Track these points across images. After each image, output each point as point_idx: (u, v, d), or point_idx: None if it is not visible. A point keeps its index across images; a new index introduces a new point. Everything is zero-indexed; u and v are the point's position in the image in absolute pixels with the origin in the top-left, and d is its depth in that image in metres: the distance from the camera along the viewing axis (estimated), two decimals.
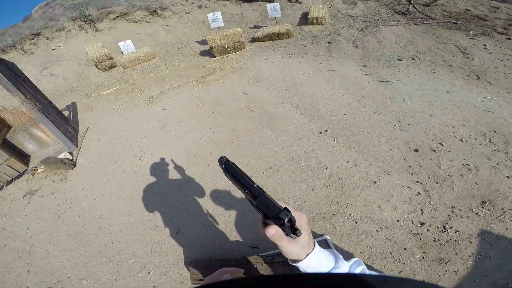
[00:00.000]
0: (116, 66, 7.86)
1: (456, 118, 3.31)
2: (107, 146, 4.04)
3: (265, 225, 0.63)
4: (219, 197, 2.86)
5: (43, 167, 3.73)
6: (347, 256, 2.54)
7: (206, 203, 2.85)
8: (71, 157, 3.94)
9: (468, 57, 5.04)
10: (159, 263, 2.53)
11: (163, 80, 6.09)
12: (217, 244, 2.59)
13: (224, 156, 0.68)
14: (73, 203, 3.25)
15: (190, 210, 2.81)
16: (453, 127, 3.19)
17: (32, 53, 8.55)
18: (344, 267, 0.61)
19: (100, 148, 4.05)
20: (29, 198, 3.49)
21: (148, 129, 4.13)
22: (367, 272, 0.64)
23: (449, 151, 2.92)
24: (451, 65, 4.82)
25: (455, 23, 6.71)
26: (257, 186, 0.59)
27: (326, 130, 3.25)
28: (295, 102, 3.97)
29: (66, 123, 4.51)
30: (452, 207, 2.57)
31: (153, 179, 3.25)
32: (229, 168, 0.64)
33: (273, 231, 0.55)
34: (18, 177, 3.84)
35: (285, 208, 0.56)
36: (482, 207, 2.56)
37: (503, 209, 2.57)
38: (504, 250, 2.41)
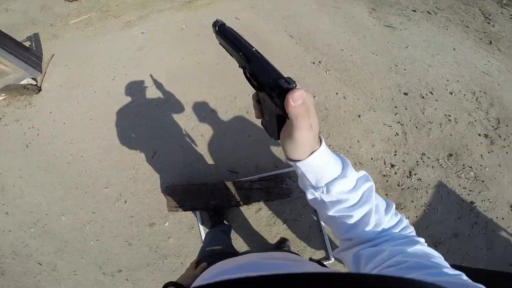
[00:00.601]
0: None
1: (453, 73, 3.30)
2: (75, 69, 3.67)
3: (259, 103, 0.51)
4: (199, 117, 2.72)
5: (3, 95, 3.39)
6: None
7: (185, 124, 2.70)
8: (34, 83, 3.58)
9: (489, 23, 4.77)
10: (135, 191, 2.49)
11: (143, 6, 5.44)
12: (195, 167, 2.51)
13: (220, 19, 0.54)
14: (41, 129, 2.99)
15: (168, 130, 2.67)
16: (447, 80, 3.21)
17: None
18: (351, 178, 0.48)
19: (68, 72, 3.67)
20: None
21: (124, 51, 3.75)
22: (374, 192, 0.51)
23: (436, 100, 2.99)
24: (467, 26, 4.57)
25: None
26: (256, 50, 0.47)
27: (319, 62, 3.06)
28: (291, 32, 3.69)
29: (27, 52, 3.95)
30: (422, 153, 2.73)
31: (128, 99, 3.00)
32: (223, 32, 0.51)
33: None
34: None
35: (288, 77, 0.42)
36: (448, 159, 2.70)
37: (463, 165, 2.70)
38: (450, 206, 2.56)
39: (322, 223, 2.42)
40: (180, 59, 3.34)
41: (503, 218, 2.61)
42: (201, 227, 2.37)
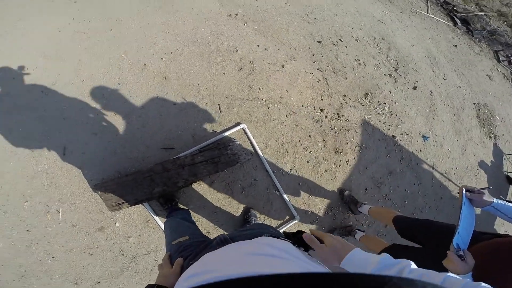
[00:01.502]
0: None
1: (355, 22, 3.66)
2: None
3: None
4: (105, 94, 2.24)
5: None
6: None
7: (90, 105, 2.20)
8: None
9: None
10: (62, 197, 2.04)
11: None
12: (122, 155, 2.13)
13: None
14: None
15: (70, 119, 2.13)
16: (352, 28, 3.55)
17: None
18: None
19: None
20: None
21: None
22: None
23: (346, 47, 3.31)
24: None
25: None
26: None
27: (236, 14, 2.90)
28: None
29: None
30: (344, 95, 2.91)
31: (6, 90, 2.19)
32: None
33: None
34: None
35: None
36: (365, 98, 3.02)
37: (378, 102, 3.09)
38: (377, 142, 2.94)
39: (277, 183, 2.41)
40: (57, 31, 2.53)
41: (420, 150, 3.12)
42: (157, 218, 2.09)
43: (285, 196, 2.39)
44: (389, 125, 3.08)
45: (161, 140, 2.23)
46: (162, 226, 2.07)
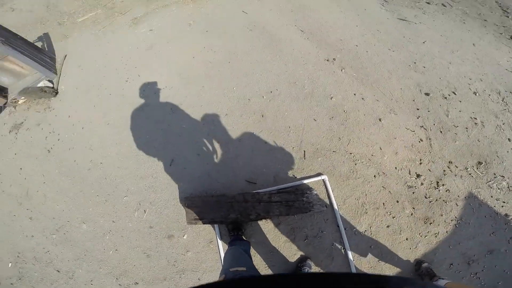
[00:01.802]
0: None
1: (475, 71, 3.11)
2: (89, 70, 3.62)
3: None
4: (214, 121, 2.62)
5: (23, 98, 3.43)
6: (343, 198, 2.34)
7: (201, 129, 2.62)
8: (51, 85, 3.57)
9: (508, 16, 4.58)
10: (154, 200, 2.43)
11: (148, 0, 5.31)
12: (213, 178, 2.43)
13: None
14: (61, 134, 2.97)
15: (184, 136, 2.59)
16: (470, 79, 3.02)
17: None
18: None
19: (82, 73, 3.62)
20: (16, 133, 3.19)
21: (134, 50, 3.66)
22: None
23: (460, 101, 2.82)
24: (485, 20, 4.38)
25: None
26: None
27: (334, 59, 2.90)
28: (301, 26, 3.50)
29: (40, 53, 3.97)
30: (449, 162, 2.56)
31: (142, 102, 2.93)
32: None
33: None
34: None
35: None
36: (477, 167, 2.54)
37: (494, 174, 2.53)
38: (482, 219, 2.38)
39: (346, 240, 2.26)
40: (191, 58, 3.23)
41: None
42: (220, 242, 2.26)
43: (350, 254, 2.22)
44: (503, 202, 2.47)
45: (247, 173, 2.44)
46: (222, 250, 2.22)
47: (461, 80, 2.99)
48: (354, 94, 2.68)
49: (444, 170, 2.46)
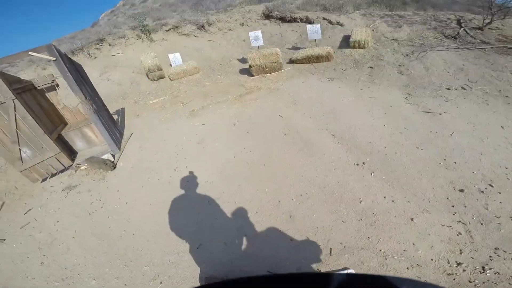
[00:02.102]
0: (164, 77, 8.45)
1: (510, 158, 3.05)
2: (146, 153, 4.30)
3: None
4: (244, 217, 2.88)
5: (86, 165, 4.09)
6: None
7: (231, 222, 2.88)
8: (112, 159, 4.27)
9: None
10: (174, 275, 2.53)
11: (205, 95, 6.41)
12: (236, 265, 2.55)
13: None
14: (106, 203, 3.47)
15: (215, 226, 2.84)
16: (506, 168, 2.94)
17: (95, 57, 9.51)
18: None
19: (140, 154, 4.32)
20: (67, 193, 3.79)
21: (187, 142, 4.33)
22: None
23: (499, 193, 2.72)
24: (507, 96, 4.45)
25: None
26: None
27: (363, 163, 3.13)
28: (332, 130, 3.90)
29: (114, 127, 4.95)
30: (495, 248, 2.38)
31: (185, 191, 3.37)
32: None
33: None
34: (62, 171, 4.22)
35: None
36: None
37: None
38: None
39: None
40: (232, 156, 3.73)
41: None
42: None
43: None
44: None
45: (270, 265, 2.50)
46: None
47: (496, 171, 2.91)
48: (384, 197, 2.77)
49: (490, 256, 2.30)
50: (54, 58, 3.71)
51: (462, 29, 7.44)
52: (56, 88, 4.85)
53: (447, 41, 7.09)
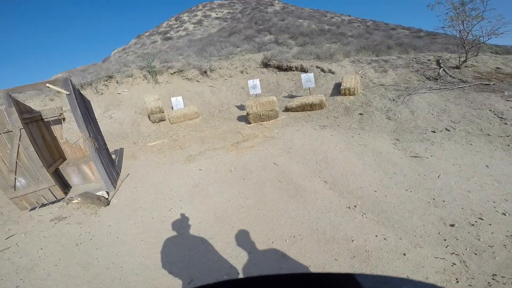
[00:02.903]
0: (165, 120, 8.75)
1: (497, 193, 3.20)
2: (141, 193, 4.39)
3: None
4: (238, 257, 2.90)
5: (79, 199, 4.06)
6: None
7: (225, 261, 2.89)
8: (107, 196, 4.30)
9: (506, 123, 4.91)
10: None
11: (203, 141, 6.69)
12: None
13: None
14: (95, 236, 3.45)
15: (208, 264, 2.85)
16: (494, 202, 3.08)
17: (102, 93, 9.87)
18: None
19: (135, 194, 4.40)
20: (55, 223, 3.77)
21: (183, 185, 4.46)
22: None
23: (490, 225, 2.82)
24: (488, 134, 4.71)
25: (488, 84, 6.64)
26: None
27: (355, 206, 3.25)
28: (324, 177, 4.07)
29: (112, 166, 5.02)
30: (493, 275, 2.39)
31: (178, 230, 3.41)
32: None
33: None
34: (53, 202, 4.19)
35: None
36: None
37: None
38: None
39: None
40: (227, 201, 3.83)
41: None
42: None
43: None
44: None
45: None
46: None
47: (485, 205, 3.03)
48: (376, 236, 2.84)
49: (488, 282, 2.28)
50: (68, 93, 3.84)
51: (441, 69, 8.05)
52: (62, 122, 4.94)
53: (429, 82, 7.64)
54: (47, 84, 3.76)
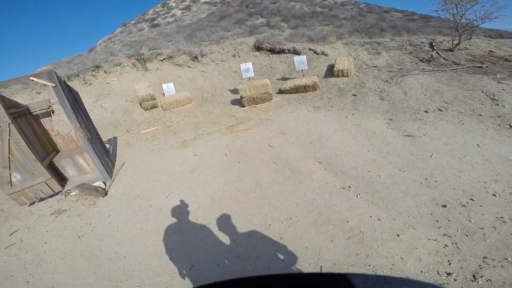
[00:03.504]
0: (157, 107, 8.60)
1: (487, 173, 3.24)
2: (138, 181, 4.37)
3: None
4: (237, 240, 2.94)
5: (77, 191, 4.06)
6: None
7: (223, 245, 2.93)
8: (104, 187, 4.28)
9: (498, 104, 4.96)
10: None
11: (197, 126, 6.61)
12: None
13: None
14: (96, 227, 3.47)
15: (207, 249, 2.89)
16: (485, 182, 3.13)
17: (91, 84, 9.63)
18: None
19: (132, 182, 4.38)
20: (56, 217, 3.78)
21: (178, 171, 4.44)
22: None
23: (481, 206, 2.87)
24: (480, 115, 4.76)
25: (481, 67, 6.66)
26: None
27: (349, 186, 3.28)
28: (319, 157, 4.08)
29: (106, 156, 4.98)
30: (484, 257, 2.45)
31: (176, 217, 3.43)
32: None
33: None
34: (51, 196, 4.19)
35: None
36: None
37: None
38: None
39: None
40: (224, 185, 3.84)
41: None
42: None
43: None
44: None
45: None
46: None
47: (476, 186, 3.08)
48: (370, 217, 2.90)
49: (479, 265, 2.35)
50: (54, 85, 3.75)
51: (434, 51, 8.03)
52: (51, 114, 4.86)
53: (422, 64, 7.61)
54: (32, 78, 3.64)
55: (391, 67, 7.80)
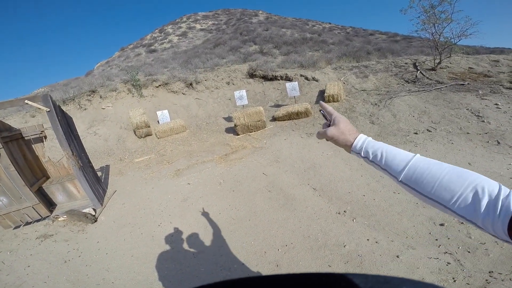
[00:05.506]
0: (151, 135, 8.58)
1: None
2: (129, 209, 4.29)
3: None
4: (231, 269, 2.87)
5: (65, 216, 3.94)
6: None
7: (217, 274, 2.85)
8: (93, 213, 4.16)
9: (483, 121, 5.10)
10: None
11: (191, 154, 6.62)
12: None
13: None
14: (84, 253, 3.34)
15: (200, 277, 2.80)
16: None
17: (85, 109, 9.60)
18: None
19: (123, 210, 4.29)
20: (41, 241, 3.63)
21: (171, 200, 4.38)
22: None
23: None
24: (468, 133, 4.88)
25: (463, 84, 6.94)
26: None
27: (344, 211, 3.27)
28: (313, 184, 4.10)
29: (98, 183, 4.87)
30: (490, 272, 2.39)
31: (169, 245, 3.33)
32: None
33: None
34: (38, 220, 4.05)
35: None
36: None
37: None
38: None
39: None
40: (218, 213, 3.78)
41: None
42: None
43: None
44: None
45: None
46: None
47: None
48: (368, 240, 2.86)
49: (486, 279, 2.30)
50: (48, 109, 3.72)
51: (418, 72, 8.36)
52: (44, 140, 4.79)
53: (408, 85, 7.89)
54: (26, 101, 3.63)
55: (379, 90, 8.07)
